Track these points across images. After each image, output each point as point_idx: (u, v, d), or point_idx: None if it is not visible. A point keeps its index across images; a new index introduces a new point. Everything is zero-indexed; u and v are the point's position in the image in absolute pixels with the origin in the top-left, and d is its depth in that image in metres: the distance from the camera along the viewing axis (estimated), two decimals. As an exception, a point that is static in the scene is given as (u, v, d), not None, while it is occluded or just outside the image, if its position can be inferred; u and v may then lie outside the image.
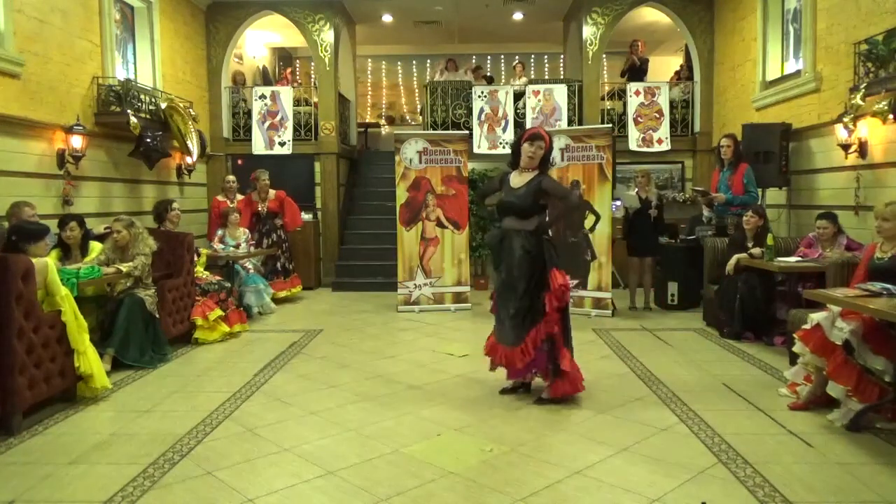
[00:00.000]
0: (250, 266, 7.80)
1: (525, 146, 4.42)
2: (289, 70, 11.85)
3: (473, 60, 13.01)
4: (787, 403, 4.20)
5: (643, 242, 7.49)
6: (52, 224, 5.31)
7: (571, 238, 7.50)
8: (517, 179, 4.47)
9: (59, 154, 6.44)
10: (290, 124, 9.75)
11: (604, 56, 10.16)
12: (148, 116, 7.48)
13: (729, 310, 6.07)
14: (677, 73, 10.57)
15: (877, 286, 3.80)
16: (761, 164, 7.07)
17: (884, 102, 5.41)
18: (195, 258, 6.49)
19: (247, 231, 7.81)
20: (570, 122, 9.68)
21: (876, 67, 5.45)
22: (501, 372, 5.13)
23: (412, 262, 7.79)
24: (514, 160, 4.54)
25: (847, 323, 3.86)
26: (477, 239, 9.26)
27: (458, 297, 7.84)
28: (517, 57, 12.08)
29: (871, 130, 5.88)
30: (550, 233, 4.59)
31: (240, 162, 9.83)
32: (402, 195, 7.80)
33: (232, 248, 7.52)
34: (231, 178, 8.62)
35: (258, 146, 9.73)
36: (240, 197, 8.44)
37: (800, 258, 5.58)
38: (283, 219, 8.45)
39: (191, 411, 4.20)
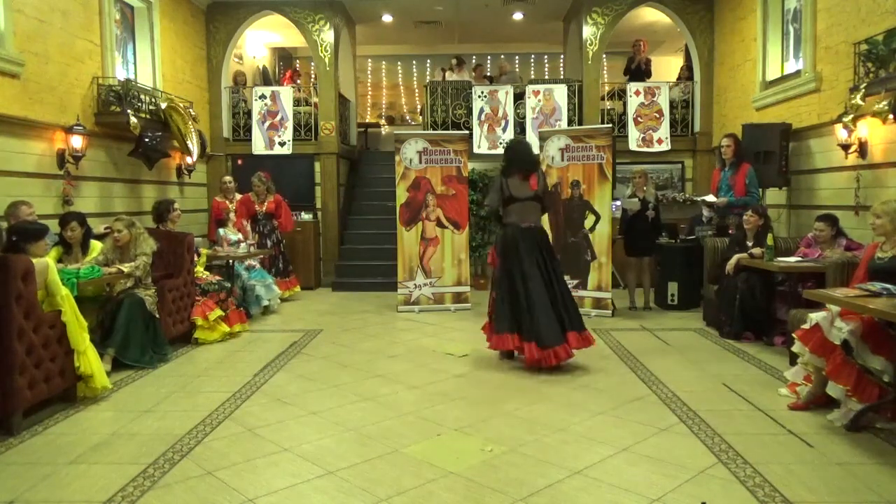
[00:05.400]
0: (255, 263, 7.83)
1: None
2: (290, 71, 11.85)
3: (473, 60, 13.01)
4: (787, 403, 4.20)
5: (641, 242, 7.49)
6: (53, 224, 5.31)
7: (571, 238, 7.50)
8: None
9: (59, 154, 6.44)
10: (290, 124, 9.75)
11: (604, 56, 10.16)
12: (148, 116, 7.48)
13: (729, 310, 6.07)
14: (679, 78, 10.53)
15: (877, 286, 3.80)
16: (761, 164, 7.07)
17: (884, 102, 5.40)
18: (195, 258, 6.50)
19: (239, 231, 7.88)
20: (570, 122, 9.69)
21: (876, 67, 5.44)
22: (501, 373, 5.14)
23: (412, 262, 7.79)
24: None
25: (846, 323, 3.86)
26: (476, 239, 9.27)
27: (458, 297, 7.84)
28: (516, 56, 12.09)
29: (871, 130, 5.88)
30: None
31: (240, 162, 9.83)
32: (402, 195, 7.80)
33: (235, 242, 7.56)
34: (228, 178, 8.65)
35: (258, 146, 9.74)
36: (238, 196, 8.46)
37: (800, 258, 5.58)
38: (277, 220, 8.54)
39: (191, 411, 4.21)
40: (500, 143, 9.60)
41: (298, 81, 11.17)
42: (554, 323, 5.07)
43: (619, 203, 7.87)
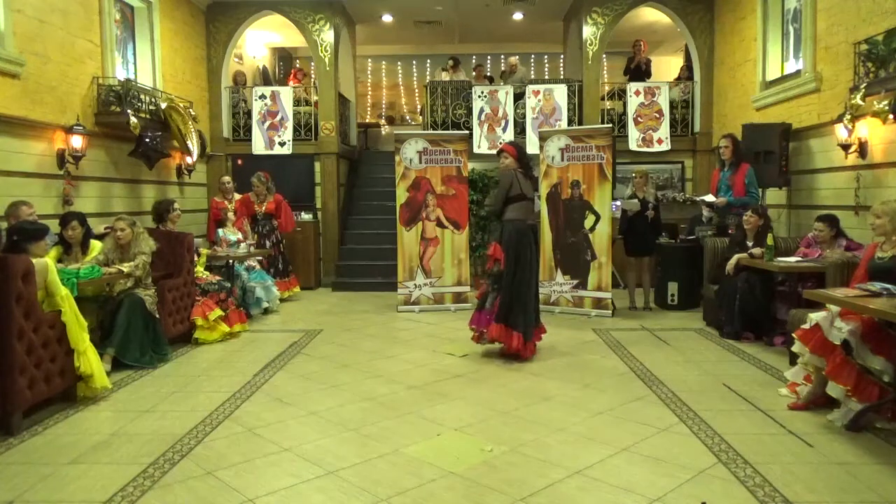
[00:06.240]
0: (255, 264, 7.82)
1: None
2: (294, 70, 11.83)
3: (473, 60, 13.02)
4: (787, 403, 4.20)
5: (640, 242, 7.49)
6: (53, 224, 5.31)
7: (571, 238, 7.50)
8: None
9: (59, 154, 6.44)
10: (290, 124, 9.75)
11: (604, 56, 10.16)
12: (148, 116, 7.48)
13: (729, 310, 6.07)
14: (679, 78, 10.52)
15: (877, 286, 3.80)
16: (761, 164, 7.07)
17: (884, 102, 5.40)
18: (195, 258, 6.50)
19: (238, 231, 7.88)
20: (570, 122, 9.69)
21: (876, 67, 5.45)
22: (501, 373, 5.14)
23: (412, 262, 7.79)
24: None
25: (846, 323, 3.86)
26: (477, 239, 9.27)
27: (458, 297, 7.84)
28: (515, 56, 12.07)
29: (871, 130, 5.88)
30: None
31: (240, 162, 9.83)
32: (402, 195, 7.80)
33: (235, 242, 7.55)
34: (226, 178, 8.65)
35: (258, 146, 9.74)
36: (237, 196, 8.46)
37: (800, 258, 5.58)
38: (277, 220, 8.53)
39: (191, 411, 4.21)
40: (500, 143, 9.60)
41: (303, 80, 11.14)
42: (532, 318, 5.47)
43: (618, 203, 7.87)
